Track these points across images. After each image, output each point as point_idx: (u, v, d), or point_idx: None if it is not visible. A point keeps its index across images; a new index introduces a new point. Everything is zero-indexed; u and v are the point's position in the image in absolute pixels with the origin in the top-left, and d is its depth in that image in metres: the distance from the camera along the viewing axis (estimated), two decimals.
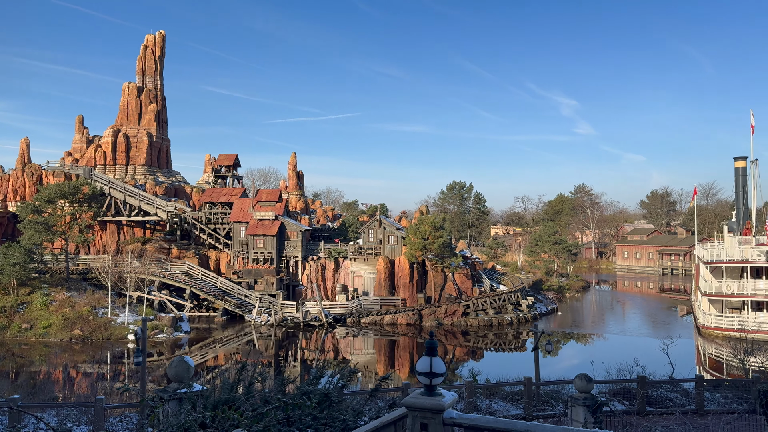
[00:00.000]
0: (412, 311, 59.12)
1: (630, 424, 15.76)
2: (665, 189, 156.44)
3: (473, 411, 18.37)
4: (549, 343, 29.80)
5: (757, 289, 51.33)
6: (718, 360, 44.91)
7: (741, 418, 18.47)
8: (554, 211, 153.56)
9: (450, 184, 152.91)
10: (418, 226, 62.17)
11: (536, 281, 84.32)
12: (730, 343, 43.96)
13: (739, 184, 64.88)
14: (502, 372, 29.10)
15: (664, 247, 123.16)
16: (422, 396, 7.27)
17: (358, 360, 47.38)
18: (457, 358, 48.65)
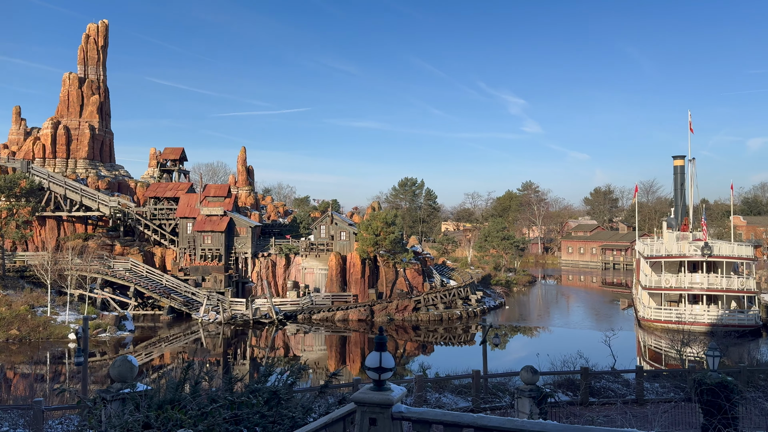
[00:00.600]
0: (364, 307, 59.22)
1: (573, 415, 16.26)
2: (608, 186, 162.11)
3: (423, 404, 18.55)
4: (497, 336, 30.38)
5: (694, 282, 53.73)
6: (657, 351, 46.78)
7: (678, 407, 19.32)
8: (503, 207, 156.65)
9: (402, 180, 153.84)
10: (370, 222, 62.28)
11: (485, 276, 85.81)
12: (669, 334, 45.90)
13: (677, 182, 67.72)
14: (452, 365, 29.49)
15: (606, 243, 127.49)
16: (371, 391, 7.28)
17: (309, 357, 47.13)
18: (407, 352, 49.03)
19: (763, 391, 22.94)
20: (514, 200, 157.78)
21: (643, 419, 15.82)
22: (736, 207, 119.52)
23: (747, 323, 50.09)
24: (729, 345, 33.44)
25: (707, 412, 15.96)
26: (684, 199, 66.41)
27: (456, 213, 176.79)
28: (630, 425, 12.08)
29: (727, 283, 52.77)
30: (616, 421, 14.21)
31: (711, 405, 15.85)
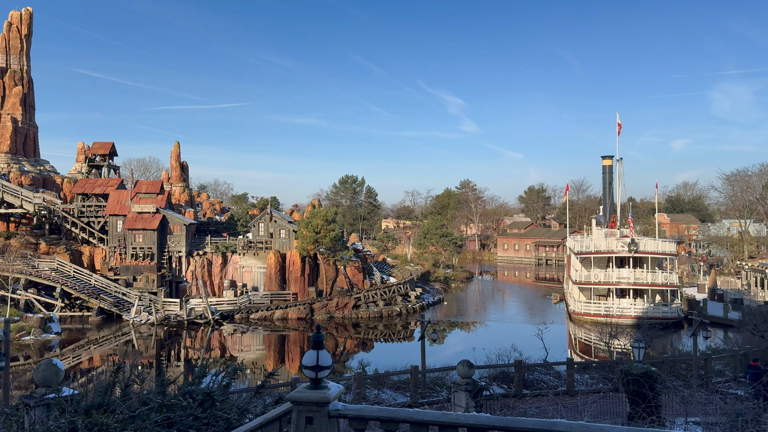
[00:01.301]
0: (304, 305, 58.75)
1: (507, 407, 16.71)
2: (541, 185, 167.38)
3: (362, 401, 18.60)
4: (435, 332, 30.81)
5: (621, 277, 56.22)
6: (587, 343, 48.68)
7: (606, 397, 20.18)
8: (441, 205, 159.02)
9: (342, 177, 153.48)
10: (310, 220, 61.80)
11: (424, 273, 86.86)
12: (598, 327, 47.89)
13: (606, 181, 70.67)
14: (391, 362, 29.68)
15: (539, 239, 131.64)
16: (308, 390, 7.23)
17: (247, 357, 46.35)
18: (347, 350, 49.03)
19: (684, 380, 24.29)
20: (452, 198, 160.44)
21: (574, 410, 16.45)
22: (661, 205, 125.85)
23: (670, 316, 52.84)
24: (654, 337, 35.15)
25: (633, 402, 16.75)
26: (612, 198, 69.41)
27: (396, 211, 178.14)
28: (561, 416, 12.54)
29: (652, 277, 55.50)
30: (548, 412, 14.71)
31: (636, 394, 16.64)
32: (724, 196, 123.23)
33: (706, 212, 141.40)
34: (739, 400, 19.75)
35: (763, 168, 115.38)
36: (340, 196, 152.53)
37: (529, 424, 6.21)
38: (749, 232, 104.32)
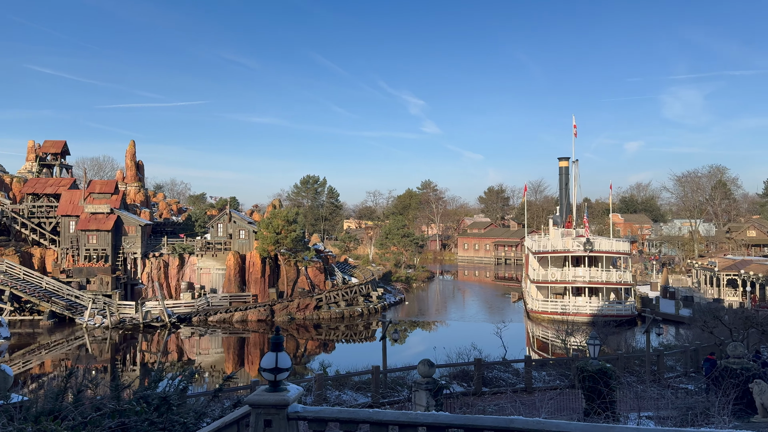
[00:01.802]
0: (264, 307, 58.11)
1: (467, 405, 16.90)
2: (500, 186, 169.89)
3: (323, 403, 18.52)
4: (396, 332, 30.92)
5: (577, 276, 57.54)
6: (545, 341, 49.62)
7: (563, 393, 20.59)
8: (403, 205, 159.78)
9: (304, 177, 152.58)
10: (271, 220, 61.16)
11: (386, 273, 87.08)
12: (555, 325, 48.82)
13: (562, 182, 72.22)
14: (353, 362, 29.62)
15: (499, 239, 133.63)
16: (266, 392, 7.15)
17: (205, 360, 45.58)
18: (309, 351, 48.73)
19: (637, 375, 25.02)
20: (414, 198, 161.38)
21: (531, 406, 16.74)
22: (615, 205, 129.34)
23: (624, 313, 54.33)
24: (608, 334, 36.11)
25: (589, 398, 17.16)
26: (568, 198, 70.98)
27: (358, 211, 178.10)
28: (519, 413, 12.75)
29: (606, 276, 56.96)
30: (507, 409, 14.94)
31: (592, 390, 17.05)
32: (676, 197, 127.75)
33: (659, 212, 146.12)
34: (689, 395, 20.45)
35: (712, 170, 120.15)
36: (302, 196, 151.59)
37: (487, 422, 6.29)
38: (699, 232, 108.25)
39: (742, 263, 63.36)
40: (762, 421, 15.91)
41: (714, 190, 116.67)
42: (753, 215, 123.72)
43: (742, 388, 17.37)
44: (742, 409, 16.90)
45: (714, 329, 31.97)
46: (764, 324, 34.30)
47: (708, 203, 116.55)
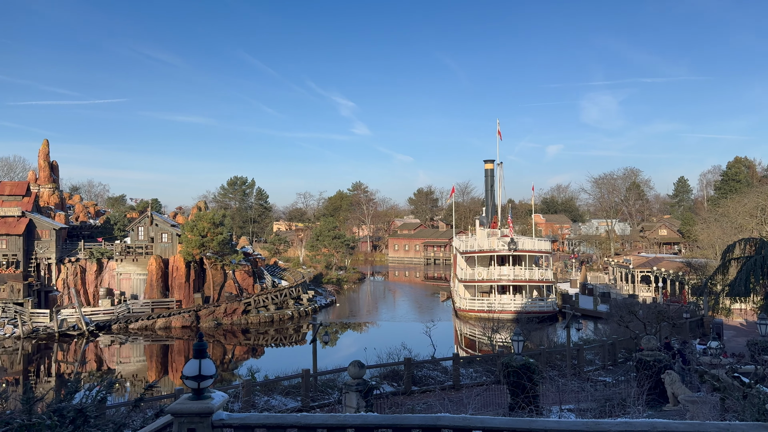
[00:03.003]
0: (189, 313, 56.29)
1: (396, 404, 17.02)
2: (429, 187, 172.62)
3: (251, 409, 18.12)
4: (327, 334, 30.74)
5: (502, 274, 59.26)
6: (472, 339, 50.74)
7: (489, 389, 21.12)
8: (334, 207, 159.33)
9: (231, 179, 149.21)
10: (196, 223, 59.34)
11: (317, 275, 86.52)
12: (481, 323, 50.06)
13: (488, 184, 74.25)
14: (283, 367, 29.22)
15: (428, 240, 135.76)
16: (189, 400, 6.91)
17: (126, 369, 43.65)
18: (236, 357, 47.64)
19: (559, 369, 26.01)
20: (344, 200, 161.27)
21: (459, 403, 17.06)
22: (537, 206, 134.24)
23: (546, 310, 56.40)
24: (532, 330, 37.41)
25: (513, 392, 17.65)
26: (494, 200, 73.05)
27: (288, 213, 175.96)
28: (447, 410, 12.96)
29: (529, 274, 58.99)
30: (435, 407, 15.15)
31: (516, 386, 17.56)
32: (593, 198, 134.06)
33: (577, 213, 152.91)
34: (607, 387, 21.46)
35: (626, 172, 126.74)
36: (229, 198, 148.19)
37: (414, 421, 6.34)
38: (615, 231, 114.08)
39: (655, 260, 67.27)
40: (673, 410, 16.89)
41: (628, 191, 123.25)
42: (664, 215, 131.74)
43: (655, 378, 18.42)
44: (655, 399, 17.90)
45: (629, 323, 33.78)
46: (675, 317, 36.59)
47: (623, 204, 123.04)
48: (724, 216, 68.02)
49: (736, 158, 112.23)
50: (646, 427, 6.20)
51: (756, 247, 28.29)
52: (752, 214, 64.89)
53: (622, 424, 6.24)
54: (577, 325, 37.86)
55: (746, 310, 43.37)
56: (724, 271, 30.51)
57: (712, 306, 32.61)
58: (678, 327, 34.80)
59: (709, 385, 15.67)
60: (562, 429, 6.26)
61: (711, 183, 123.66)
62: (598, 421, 6.33)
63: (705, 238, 69.20)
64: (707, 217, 77.38)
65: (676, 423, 6.35)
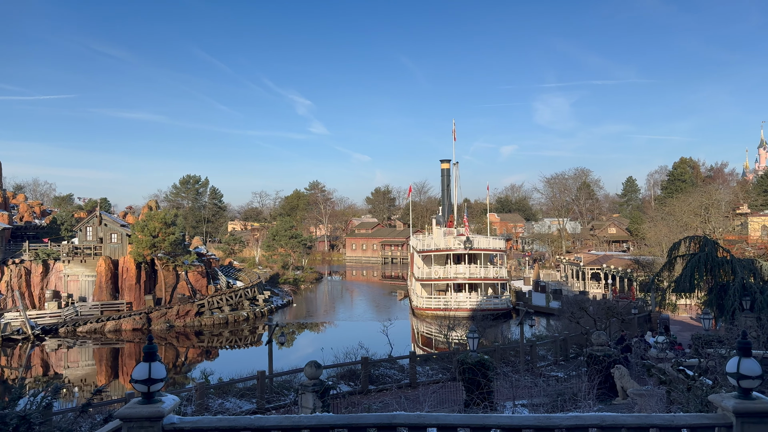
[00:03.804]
0: (140, 315, 54.82)
1: (353, 404, 16.98)
2: (387, 187, 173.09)
3: (204, 412, 17.78)
4: (283, 335, 30.47)
5: (458, 273, 59.93)
6: (429, 336, 51.13)
7: (445, 386, 21.31)
8: (291, 206, 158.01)
9: (184, 177, 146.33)
10: (147, 223, 57.84)
11: (273, 275, 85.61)
12: (438, 320, 50.53)
13: (444, 183, 74.97)
14: (238, 369, 28.79)
15: (385, 239, 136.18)
16: (139, 404, 6.72)
17: (75, 373, 42.19)
18: (190, 360, 46.69)
19: (513, 365, 26.47)
20: (301, 199, 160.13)
21: (415, 401, 17.16)
22: (492, 206, 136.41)
23: (501, 307, 57.35)
24: (486, 327, 37.92)
25: (468, 389, 17.88)
26: (450, 199, 73.85)
27: (243, 212, 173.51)
28: (403, 408, 13.00)
29: (484, 272, 59.85)
30: (391, 405, 15.19)
31: (471, 382, 17.79)
32: (546, 197, 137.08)
33: (531, 212, 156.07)
34: (559, 382, 21.96)
35: (577, 172, 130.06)
36: (181, 197, 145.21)
37: (370, 420, 6.33)
38: (566, 230, 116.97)
39: (604, 258, 69.25)
40: (622, 403, 17.43)
41: (579, 190, 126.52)
42: (613, 214, 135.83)
43: (605, 373, 18.95)
44: (605, 393, 18.43)
45: (580, 320, 34.66)
46: (623, 313, 37.74)
47: (574, 203, 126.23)
48: (670, 215, 70.57)
49: (681, 159, 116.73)
50: (596, 420, 6.36)
51: (700, 245, 29.44)
52: (696, 212, 67.56)
53: (573, 418, 6.39)
54: (530, 321, 38.66)
55: (691, 305, 45.15)
56: (670, 267, 31.65)
57: (659, 302, 33.76)
58: (627, 323, 35.90)
59: (656, 379, 16.22)
60: (514, 424, 6.36)
61: (658, 183, 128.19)
62: (549, 416, 6.46)
63: (652, 236, 71.67)
64: (654, 215, 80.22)
65: (624, 416, 6.54)
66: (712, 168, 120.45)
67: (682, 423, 6.57)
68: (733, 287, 26.64)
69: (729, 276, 27.71)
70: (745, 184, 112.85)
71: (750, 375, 6.33)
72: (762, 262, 29.46)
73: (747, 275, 27.32)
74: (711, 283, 28.45)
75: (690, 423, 6.60)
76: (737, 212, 79.19)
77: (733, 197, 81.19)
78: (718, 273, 28.10)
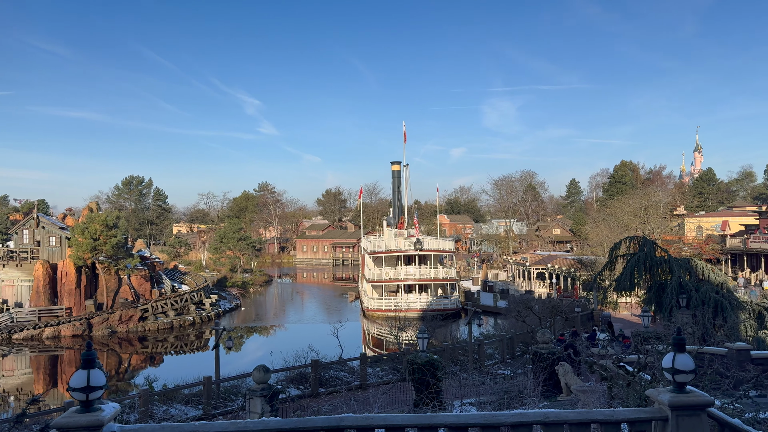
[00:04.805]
0: (80, 321, 52.75)
1: (302, 407, 16.85)
2: (338, 188, 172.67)
3: (148, 420, 17.27)
4: (231, 339, 29.93)
5: (408, 274, 60.34)
6: (379, 338, 51.23)
7: (395, 387, 21.40)
8: (239, 208, 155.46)
9: (126, 178, 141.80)
10: (87, 225, 55.72)
11: (221, 278, 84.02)
12: (388, 321, 50.68)
13: (395, 185, 75.35)
14: (184, 374, 28.12)
15: (336, 241, 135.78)
16: (77, 413, 6.48)
17: (10, 382, 40.21)
18: (133, 366, 45.25)
19: (461, 364, 26.84)
20: (250, 201, 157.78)
21: (365, 402, 17.15)
22: (441, 207, 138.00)
23: (450, 307, 58.04)
24: (436, 327, 38.33)
25: (418, 389, 18.00)
26: (400, 200, 74.27)
27: (190, 214, 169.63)
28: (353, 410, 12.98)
29: (434, 273, 60.47)
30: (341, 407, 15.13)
31: (421, 382, 17.92)
32: (493, 199, 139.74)
33: (479, 213, 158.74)
34: (506, 379, 22.40)
35: (523, 174, 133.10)
36: (124, 198, 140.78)
37: (317, 423, 6.29)
38: (513, 230, 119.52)
39: (549, 258, 71.10)
40: (566, 399, 17.90)
41: (525, 192, 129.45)
42: (557, 215, 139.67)
43: (549, 370, 19.44)
44: (550, 390, 18.90)
45: (526, 318, 35.47)
46: (567, 312, 38.85)
47: (520, 204, 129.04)
48: (611, 216, 73.07)
49: (622, 162, 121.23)
50: (539, 417, 6.52)
51: (639, 245, 30.61)
52: (636, 213, 70.19)
53: (517, 415, 6.53)
54: (479, 321, 39.33)
55: (631, 303, 46.89)
56: (611, 267, 32.79)
57: (601, 300, 34.88)
58: (570, 320, 36.97)
59: (598, 375, 16.75)
60: (461, 423, 6.45)
61: (600, 185, 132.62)
62: (495, 414, 6.58)
63: (594, 236, 74.01)
64: (596, 216, 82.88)
65: (566, 412, 6.72)
66: (651, 171, 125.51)
67: (621, 417, 6.81)
68: (670, 285, 27.82)
69: (667, 275, 28.91)
70: (682, 187, 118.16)
71: (684, 369, 6.61)
72: (697, 261, 30.84)
73: (683, 274, 28.58)
74: (650, 281, 29.62)
75: (628, 417, 6.84)
76: (674, 213, 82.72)
77: (670, 199, 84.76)
78: (656, 272, 29.28)
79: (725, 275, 32.43)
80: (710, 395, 7.52)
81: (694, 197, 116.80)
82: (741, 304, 28.18)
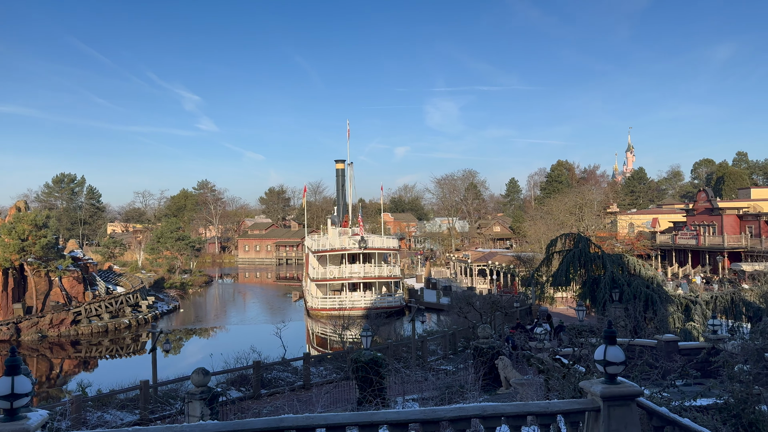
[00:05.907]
0: (7, 325, 50.08)
1: (243, 410, 16.58)
2: (281, 186, 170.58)
3: (81, 427, 16.59)
4: (168, 342, 29.16)
5: (353, 272, 60.32)
6: (324, 337, 51.01)
7: (338, 386, 21.37)
8: (177, 206, 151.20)
9: (57, 176, 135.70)
10: (15, 225, 52.95)
11: (158, 280, 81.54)
12: (333, 320, 50.52)
13: (339, 183, 75.20)
14: (120, 379, 27.14)
15: (280, 240, 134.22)
16: (1, 423, 6.19)
17: None
18: (65, 371, 43.35)
19: (404, 361, 27.05)
20: (189, 199, 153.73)
21: (308, 402, 17.04)
22: (386, 205, 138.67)
23: (394, 305, 58.41)
24: (380, 325, 38.47)
25: (361, 387, 18.05)
26: (345, 199, 74.19)
27: (125, 213, 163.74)
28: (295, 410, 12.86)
29: (379, 271, 60.70)
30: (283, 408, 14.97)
31: (364, 380, 17.98)
32: (436, 197, 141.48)
33: (423, 211, 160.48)
34: (448, 375, 22.73)
35: (465, 173, 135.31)
36: (54, 197, 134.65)
37: (257, 425, 6.20)
38: (455, 228, 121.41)
39: (490, 255, 72.65)
40: (505, 393, 18.36)
41: (467, 191, 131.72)
42: (498, 213, 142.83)
43: (489, 364, 19.88)
44: (491, 383, 19.33)
45: (468, 314, 36.12)
46: (507, 307, 39.77)
47: (462, 203, 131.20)
48: (548, 213, 75.35)
49: (558, 162, 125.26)
50: (477, 410, 6.65)
51: (574, 242, 31.71)
52: (572, 211, 72.65)
53: (456, 409, 6.64)
54: (422, 317, 39.71)
55: (567, 298, 48.49)
56: (548, 263, 33.82)
57: (539, 295, 35.91)
58: (510, 315, 37.87)
59: (536, 368, 17.24)
60: (401, 419, 6.50)
61: (537, 184, 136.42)
62: (434, 409, 6.66)
63: (532, 233, 76.10)
64: (534, 214, 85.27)
65: (504, 405, 6.89)
66: (585, 170, 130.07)
67: (556, 409, 7.03)
68: (603, 280, 28.96)
69: (600, 270, 30.09)
70: (615, 185, 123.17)
71: (615, 361, 6.90)
72: (629, 257, 32.22)
73: (616, 269, 29.81)
74: (585, 276, 30.75)
75: (563, 409, 7.08)
76: (608, 211, 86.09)
77: (604, 197, 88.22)
78: (590, 267, 30.43)
79: (655, 270, 34.05)
80: (640, 385, 7.88)
81: (626, 195, 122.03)
82: (670, 297, 29.63)
